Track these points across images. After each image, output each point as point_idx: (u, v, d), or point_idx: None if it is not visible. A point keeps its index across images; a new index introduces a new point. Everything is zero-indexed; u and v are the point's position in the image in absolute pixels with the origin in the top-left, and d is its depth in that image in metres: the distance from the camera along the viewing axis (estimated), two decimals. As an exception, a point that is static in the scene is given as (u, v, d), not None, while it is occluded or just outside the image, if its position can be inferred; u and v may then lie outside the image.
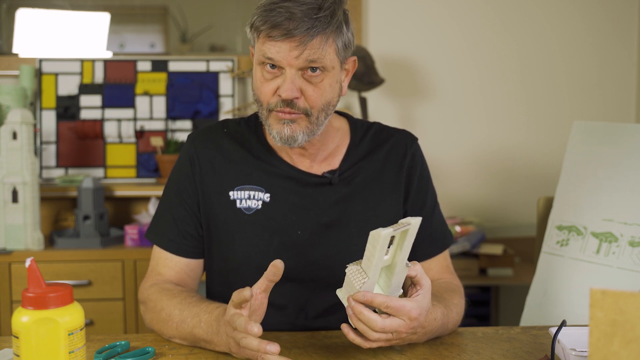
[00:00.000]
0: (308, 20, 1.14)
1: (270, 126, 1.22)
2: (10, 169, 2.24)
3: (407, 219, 1.01)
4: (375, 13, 2.80)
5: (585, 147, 1.91)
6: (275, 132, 1.22)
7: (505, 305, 2.83)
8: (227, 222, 1.29)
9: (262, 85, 1.21)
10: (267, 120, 1.23)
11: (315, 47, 1.15)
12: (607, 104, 2.91)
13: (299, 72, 1.18)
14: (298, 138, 1.21)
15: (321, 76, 1.19)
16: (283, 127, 1.20)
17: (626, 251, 1.75)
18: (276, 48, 1.16)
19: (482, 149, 2.87)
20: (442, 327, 1.19)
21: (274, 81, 1.19)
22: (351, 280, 1.02)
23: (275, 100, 1.20)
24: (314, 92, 1.19)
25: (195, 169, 1.32)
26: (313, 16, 1.14)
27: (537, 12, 2.86)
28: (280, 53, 1.16)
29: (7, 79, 2.65)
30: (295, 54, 1.15)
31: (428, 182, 1.38)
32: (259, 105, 1.23)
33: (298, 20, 1.14)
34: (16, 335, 0.91)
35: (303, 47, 1.14)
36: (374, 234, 0.98)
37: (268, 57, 1.17)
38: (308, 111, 1.20)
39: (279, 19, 1.14)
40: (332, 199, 1.30)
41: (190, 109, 2.66)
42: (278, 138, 1.22)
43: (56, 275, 2.23)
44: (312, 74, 1.18)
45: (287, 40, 1.15)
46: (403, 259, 1.03)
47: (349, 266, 1.04)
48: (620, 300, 0.64)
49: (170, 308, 1.19)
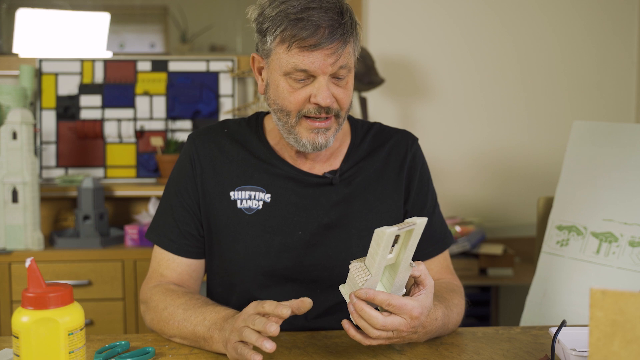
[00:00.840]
0: (338, 27, 1.15)
1: (299, 135, 1.22)
2: (10, 169, 2.24)
3: (412, 218, 1.01)
4: (375, 13, 2.80)
5: (585, 147, 1.91)
6: (305, 140, 1.22)
7: (505, 305, 2.83)
8: (227, 222, 1.29)
9: (290, 95, 1.20)
10: (293, 129, 1.23)
11: (347, 53, 1.18)
12: (607, 104, 2.91)
13: (329, 78, 1.19)
14: (330, 143, 1.24)
15: (347, 78, 1.21)
16: (317, 136, 1.22)
17: (626, 251, 1.75)
18: (310, 59, 1.16)
19: (482, 149, 2.87)
20: (443, 327, 1.19)
21: (304, 89, 1.19)
22: (354, 276, 1.03)
23: (309, 107, 1.20)
24: (344, 94, 1.21)
25: (196, 169, 1.32)
26: (341, 22, 1.16)
27: (537, 12, 2.86)
28: (315, 64, 1.16)
29: (7, 79, 2.65)
30: (331, 62, 1.16)
31: (428, 182, 1.39)
32: (284, 114, 1.22)
33: (329, 29, 1.15)
34: (16, 335, 0.91)
35: (338, 56, 1.16)
36: (379, 232, 0.98)
37: (302, 69, 1.17)
38: (339, 113, 1.23)
39: (309, 30, 1.14)
40: (333, 200, 1.30)
41: (190, 109, 2.66)
42: (310, 147, 1.23)
43: (56, 275, 2.23)
44: (341, 77, 1.20)
45: (322, 50, 1.15)
46: (407, 259, 1.03)
47: (353, 262, 1.04)
48: (620, 300, 0.64)
49: (173, 307, 1.19)
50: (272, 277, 1.28)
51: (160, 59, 2.69)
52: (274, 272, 1.28)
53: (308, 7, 1.15)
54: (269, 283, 1.29)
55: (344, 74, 1.19)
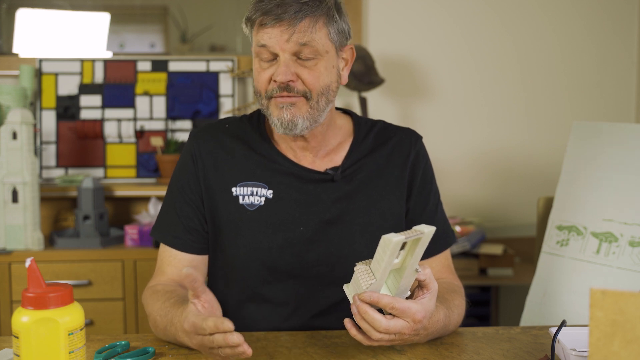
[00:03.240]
0: (296, 4, 1.19)
1: (271, 114, 1.24)
2: (10, 169, 2.24)
3: (421, 226, 1.01)
4: (375, 13, 2.80)
5: (585, 147, 1.91)
6: (275, 118, 1.24)
7: (505, 305, 2.83)
8: (229, 218, 1.30)
9: (259, 75, 1.24)
10: (267, 110, 1.25)
11: (304, 29, 1.19)
12: (607, 104, 2.91)
13: (293, 58, 1.21)
14: (298, 122, 1.23)
15: (315, 60, 1.22)
16: (282, 111, 1.23)
17: (626, 251, 1.75)
18: (268, 34, 1.20)
19: (482, 149, 2.87)
20: (444, 328, 1.19)
21: (269, 69, 1.22)
22: (359, 279, 1.02)
23: (272, 86, 1.22)
24: (309, 75, 1.22)
25: (198, 165, 1.33)
26: (301, 0, 1.19)
27: (537, 12, 2.86)
28: (272, 39, 1.20)
29: (7, 79, 2.65)
30: (286, 37, 1.19)
31: (432, 180, 1.38)
32: (259, 96, 1.26)
33: (286, 5, 1.18)
34: (16, 335, 0.91)
35: (292, 30, 1.18)
36: (386, 239, 0.98)
37: (262, 44, 1.21)
38: (307, 93, 1.22)
39: (269, 7, 1.19)
40: (335, 196, 1.31)
41: (190, 109, 2.66)
42: (279, 124, 1.23)
43: (56, 275, 2.23)
44: (306, 58, 1.21)
45: (277, 25, 1.19)
46: (413, 264, 1.03)
47: (358, 265, 1.04)
48: (620, 300, 0.64)
49: (154, 314, 1.21)
50: (274, 273, 1.29)
51: (160, 59, 2.69)
52: (276, 268, 1.28)
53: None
54: (270, 279, 1.29)
55: (308, 53, 1.20)
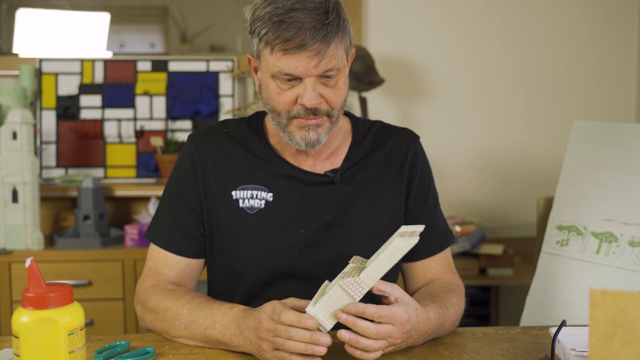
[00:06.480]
0: (321, 28, 1.13)
1: (292, 133, 1.22)
2: (10, 169, 2.24)
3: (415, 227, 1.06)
4: (375, 13, 2.80)
5: (585, 147, 1.91)
6: (299, 138, 1.22)
7: (505, 305, 2.83)
8: (230, 221, 1.30)
9: (278, 96, 1.20)
10: (287, 128, 1.23)
11: (331, 53, 1.16)
12: (607, 104, 2.91)
13: (317, 79, 1.18)
14: (322, 140, 1.23)
15: (336, 77, 1.20)
16: (308, 132, 1.21)
17: (626, 251, 1.75)
18: (293, 62, 1.15)
19: (482, 149, 2.87)
20: (439, 327, 1.18)
21: (291, 90, 1.19)
22: (348, 293, 1.02)
23: (297, 108, 1.20)
24: (333, 94, 1.20)
25: (197, 168, 1.32)
26: (324, 22, 1.14)
27: (537, 12, 2.86)
28: (298, 67, 1.15)
29: (7, 79, 2.65)
30: (314, 64, 1.15)
31: (430, 180, 1.39)
32: (276, 114, 1.23)
33: (311, 30, 1.13)
34: (16, 335, 0.91)
35: (321, 57, 1.14)
36: (399, 246, 1.01)
37: (286, 72, 1.16)
38: (330, 113, 1.22)
39: (291, 32, 1.13)
40: (335, 198, 1.30)
41: (190, 109, 2.66)
42: (303, 144, 1.22)
43: (56, 275, 2.23)
44: (328, 78, 1.18)
45: (304, 52, 1.14)
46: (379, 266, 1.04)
47: (342, 280, 1.03)
48: (620, 300, 0.64)
49: (177, 308, 1.19)
50: (276, 276, 1.29)
51: (160, 59, 2.69)
52: (277, 271, 1.28)
53: (292, 8, 1.13)
54: (272, 281, 1.29)
55: (332, 73, 1.18)
